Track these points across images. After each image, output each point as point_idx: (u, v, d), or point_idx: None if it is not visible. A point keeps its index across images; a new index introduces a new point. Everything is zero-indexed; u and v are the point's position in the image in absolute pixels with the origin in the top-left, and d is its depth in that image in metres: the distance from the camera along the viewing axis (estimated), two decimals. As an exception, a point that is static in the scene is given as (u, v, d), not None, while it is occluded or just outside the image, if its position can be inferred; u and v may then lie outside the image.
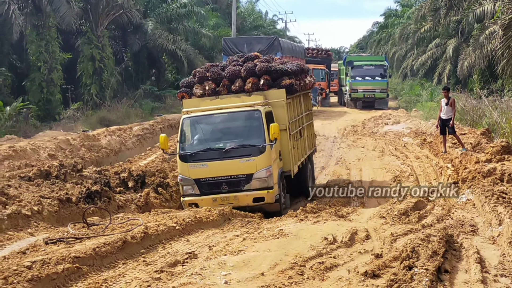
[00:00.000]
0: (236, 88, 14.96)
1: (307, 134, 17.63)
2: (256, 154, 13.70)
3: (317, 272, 7.07)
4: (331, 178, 18.28)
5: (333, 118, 37.03)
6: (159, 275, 7.09)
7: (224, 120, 14.58)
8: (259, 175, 13.65)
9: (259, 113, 14.01)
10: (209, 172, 13.76)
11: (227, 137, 14.42)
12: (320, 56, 51.92)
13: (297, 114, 16.27)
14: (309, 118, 18.36)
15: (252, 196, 13.59)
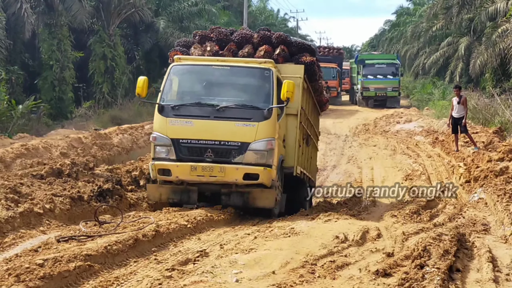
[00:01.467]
0: (244, 55, 12.64)
1: (311, 157, 15.70)
2: (259, 119, 11.25)
3: (328, 271, 7.06)
4: (343, 177, 18.24)
5: (344, 117, 36.97)
6: (170, 273, 7.10)
7: (225, 74, 11.99)
8: (258, 146, 11.17)
9: (269, 72, 11.58)
10: (193, 133, 11.26)
11: (225, 93, 11.93)
12: (332, 54, 51.84)
13: (309, 113, 14.36)
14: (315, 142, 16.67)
15: (244, 171, 11.09)
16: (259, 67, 11.75)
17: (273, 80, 11.48)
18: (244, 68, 11.94)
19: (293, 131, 12.43)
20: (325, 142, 25.11)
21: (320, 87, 14.74)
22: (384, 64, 43.84)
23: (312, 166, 15.78)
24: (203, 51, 12.68)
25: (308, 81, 13.33)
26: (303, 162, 13.66)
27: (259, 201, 11.32)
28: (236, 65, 11.95)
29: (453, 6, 36.05)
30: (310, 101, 14.46)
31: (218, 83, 12.03)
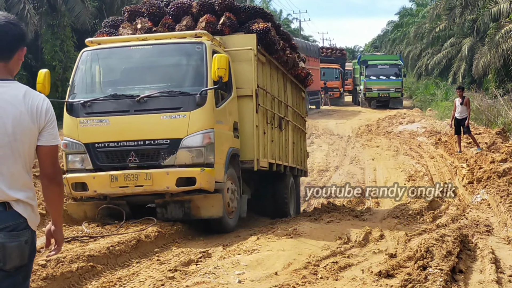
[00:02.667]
0: (182, 29, 10.56)
1: (294, 142, 13.74)
2: (190, 107, 9.09)
3: (331, 272, 7.05)
4: (345, 178, 18.23)
5: (347, 118, 36.95)
6: (173, 274, 7.10)
7: (147, 55, 9.85)
8: (191, 142, 9.03)
9: (201, 47, 9.41)
10: (110, 133, 9.13)
11: (148, 79, 9.76)
12: (335, 55, 51.87)
13: (277, 93, 12.12)
14: (299, 122, 14.69)
15: (176, 175, 8.96)
16: (187, 42, 9.62)
17: (207, 57, 9.25)
18: (170, 45, 9.85)
19: (250, 116, 10.25)
20: (328, 143, 25.11)
21: (291, 58, 12.41)
22: (387, 65, 43.81)
23: (296, 153, 13.79)
24: (134, 30, 10.69)
25: (267, 53, 11.20)
26: (275, 151, 11.70)
27: (203, 211, 9.21)
28: (160, 42, 9.79)
29: (456, 7, 36.01)
30: (278, 77, 12.31)
31: (138, 67, 9.83)
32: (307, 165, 15.72)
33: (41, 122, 3.39)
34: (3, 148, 3.30)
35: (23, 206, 3.38)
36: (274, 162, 11.57)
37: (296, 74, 13.67)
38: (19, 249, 3.35)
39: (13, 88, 3.37)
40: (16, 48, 3.41)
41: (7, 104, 3.32)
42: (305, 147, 15.47)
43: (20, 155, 3.36)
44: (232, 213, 9.90)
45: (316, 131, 29.11)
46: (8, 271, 3.34)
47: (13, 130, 3.31)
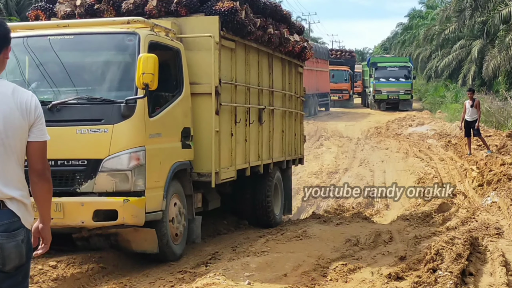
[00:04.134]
0: (129, 7, 8.86)
1: (284, 130, 11.85)
2: (113, 119, 7.24)
3: (340, 274, 7.05)
4: (354, 180, 18.20)
5: (356, 120, 36.89)
6: (183, 275, 7.12)
7: (68, 47, 7.95)
8: (114, 163, 7.17)
9: (134, 39, 7.54)
10: None
11: (64, 81, 7.71)
12: (344, 57, 51.79)
13: (256, 80, 10.39)
14: (292, 105, 12.58)
15: (93, 206, 7.13)
16: (116, 32, 7.78)
17: (140, 52, 7.36)
18: (94, 35, 7.91)
19: (208, 119, 8.64)
20: (337, 145, 25.08)
21: (276, 35, 10.63)
22: (396, 67, 43.73)
23: (286, 143, 11.99)
24: (73, 6, 9.15)
25: (238, 37, 9.48)
26: (251, 151, 10.07)
27: (134, 244, 7.73)
28: (81, 31, 7.91)
29: (466, 9, 35.92)
30: (259, 61, 10.56)
31: (55, 64, 7.81)
32: (303, 150, 13.71)
33: (31, 118, 3.42)
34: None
35: (17, 204, 3.39)
36: (247, 166, 9.92)
37: (288, 51, 11.69)
38: (17, 249, 3.36)
39: (1, 86, 3.40)
40: (0, 48, 3.44)
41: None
42: (301, 131, 13.40)
43: (13, 151, 3.37)
44: (179, 239, 8.17)
45: (326, 133, 29.07)
46: (8, 272, 3.36)
47: (4, 127, 3.33)
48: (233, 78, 9.48)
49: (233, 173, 9.41)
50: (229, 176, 9.31)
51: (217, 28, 8.74)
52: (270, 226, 10.84)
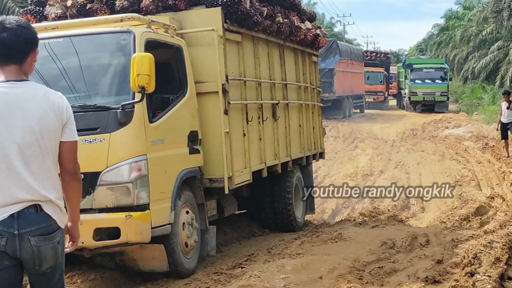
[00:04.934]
0: (124, 5, 8.30)
1: (301, 124, 11.30)
2: (110, 127, 6.67)
3: (376, 277, 7.01)
4: (390, 182, 18.07)
5: (391, 122, 36.63)
6: (218, 276, 7.15)
7: (58, 51, 7.22)
8: (113, 176, 6.61)
9: (129, 38, 6.97)
10: None
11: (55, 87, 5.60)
12: (379, 59, 51.48)
13: (267, 73, 9.83)
14: (309, 96, 11.94)
15: (93, 224, 6.53)
16: (108, 32, 7.12)
17: (136, 52, 6.77)
18: (85, 36, 7.27)
19: (216, 120, 8.09)
20: (372, 147, 24.94)
21: (285, 24, 10.05)
22: (432, 68, 43.31)
23: (304, 137, 11.45)
24: (64, 8, 8.66)
25: (244, 28, 8.91)
26: (267, 149, 9.60)
27: (142, 263, 7.16)
28: (72, 33, 7.28)
29: (504, 10, 35.44)
30: (270, 52, 10.00)
31: (44, 69, 7.08)
32: (323, 143, 13.04)
33: (63, 119, 3.51)
34: (31, 146, 3.38)
35: (53, 207, 3.47)
36: (263, 166, 9.42)
37: (300, 40, 11.06)
38: (53, 251, 3.45)
39: (32, 88, 3.49)
40: (29, 51, 3.52)
41: (31, 103, 3.42)
42: (320, 124, 12.69)
43: (48, 152, 3.45)
44: (190, 252, 7.64)
45: (360, 135, 28.93)
46: (45, 272, 3.45)
47: (40, 128, 3.40)
48: (242, 74, 8.86)
49: (248, 176, 8.81)
50: (244, 180, 8.71)
51: (220, 20, 8.12)
52: (292, 231, 10.43)
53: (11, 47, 3.42)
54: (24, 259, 3.39)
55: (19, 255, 3.37)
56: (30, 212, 3.37)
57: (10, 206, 3.33)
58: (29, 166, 3.37)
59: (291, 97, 10.83)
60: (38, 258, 3.38)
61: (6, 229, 3.32)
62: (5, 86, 3.40)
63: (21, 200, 3.35)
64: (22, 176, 3.35)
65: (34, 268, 3.42)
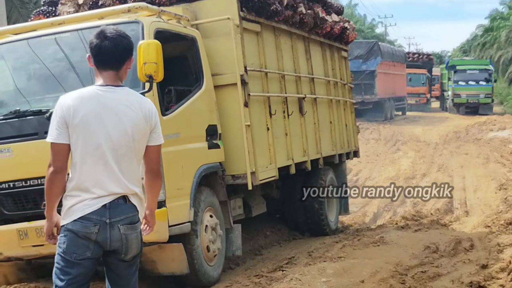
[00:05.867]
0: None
1: (332, 120, 10.88)
2: None
3: (419, 282, 6.92)
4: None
5: (434, 124, 36.18)
6: (259, 279, 7.14)
7: (59, 49, 6.93)
8: None
9: (137, 28, 6.58)
10: (14, 169, 6.54)
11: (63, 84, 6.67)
12: (421, 60, 50.91)
13: (291, 66, 9.45)
14: (340, 92, 11.55)
15: None
16: (115, 23, 6.38)
17: None
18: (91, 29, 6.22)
19: (236, 113, 7.76)
20: (414, 150, 24.69)
21: (309, 15, 9.63)
22: (476, 70, 42.72)
23: (336, 135, 11.01)
24: (76, 6, 8.48)
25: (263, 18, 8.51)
26: (293, 145, 9.15)
27: (161, 266, 6.74)
28: (78, 27, 6.89)
29: (551, 9, 34.72)
30: (293, 45, 9.59)
31: (52, 66, 6.96)
32: (357, 142, 12.59)
33: (152, 124, 3.82)
34: (123, 147, 3.71)
35: (137, 199, 3.81)
36: (291, 163, 9.03)
37: (326, 33, 10.58)
38: (137, 240, 3.79)
39: (128, 94, 3.80)
40: (126, 59, 3.80)
41: (126, 108, 3.72)
42: (353, 121, 12.30)
43: (136, 153, 3.78)
44: (214, 258, 7.32)
45: (402, 138, 28.64)
46: (128, 261, 3.79)
47: (132, 131, 3.72)
48: (262, 65, 8.44)
49: (273, 172, 8.41)
50: (269, 176, 8.31)
51: (236, 8, 7.76)
52: (324, 235, 10.14)
53: (111, 54, 3.73)
54: (113, 248, 3.70)
55: (108, 244, 3.69)
56: (120, 203, 3.72)
57: (103, 198, 3.67)
58: (119, 164, 3.70)
59: (319, 92, 10.41)
60: (126, 246, 3.71)
61: (99, 218, 3.66)
62: (104, 89, 3.73)
63: (114, 192, 3.70)
64: (115, 172, 3.69)
65: (120, 256, 3.74)
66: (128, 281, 3.85)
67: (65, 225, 3.70)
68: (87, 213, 3.65)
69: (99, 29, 3.81)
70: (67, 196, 3.73)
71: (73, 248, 3.65)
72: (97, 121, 3.65)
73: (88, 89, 3.76)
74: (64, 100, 3.70)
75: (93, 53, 3.77)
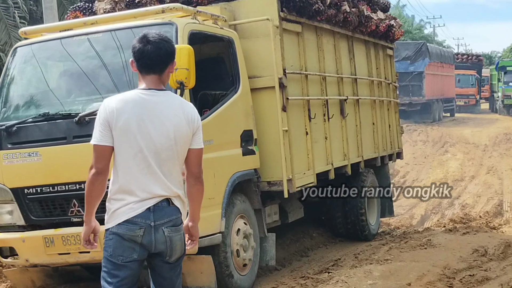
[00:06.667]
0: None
1: (375, 122, 10.53)
2: None
3: (467, 285, 6.84)
4: (481, 188, 17.54)
5: (483, 126, 35.58)
6: (305, 281, 7.15)
7: (90, 50, 6.70)
8: None
9: (171, 30, 6.24)
10: (41, 173, 6.34)
11: (91, 90, 6.63)
12: (470, 61, 50.11)
13: (333, 67, 9.14)
14: (384, 92, 11.20)
15: None
16: (148, 25, 6.28)
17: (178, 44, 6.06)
18: (124, 31, 6.54)
19: (273, 117, 7.46)
20: (463, 152, 24.35)
21: (353, 13, 9.34)
22: (527, 70, 41.87)
23: (378, 136, 10.66)
24: (113, 3, 8.25)
25: (304, 18, 8.21)
26: (333, 150, 8.82)
27: (190, 278, 6.31)
28: (110, 28, 6.69)
29: None
30: (336, 44, 9.27)
31: (84, 67, 6.76)
32: (401, 143, 12.21)
33: (194, 128, 3.83)
34: (166, 151, 3.72)
35: (180, 201, 3.82)
36: (330, 167, 8.73)
37: (371, 31, 10.29)
38: (181, 242, 3.81)
39: (171, 98, 3.82)
40: (168, 63, 3.81)
41: (169, 112, 3.75)
42: (397, 122, 11.89)
43: (178, 157, 3.79)
44: (246, 268, 7.07)
45: (451, 140, 28.25)
46: (172, 263, 3.80)
47: (175, 135, 3.73)
48: (302, 67, 8.15)
49: (311, 178, 8.12)
50: (307, 182, 8.03)
51: (276, 9, 7.49)
52: (365, 240, 9.89)
53: (154, 58, 3.74)
54: (158, 250, 3.72)
55: (153, 247, 3.70)
56: (163, 206, 3.73)
57: (147, 201, 3.69)
58: (162, 168, 3.71)
59: (362, 93, 10.09)
60: (170, 248, 3.73)
61: (143, 221, 3.68)
62: (147, 93, 3.74)
63: (157, 195, 3.71)
64: (158, 175, 3.70)
65: (165, 258, 3.76)
66: (173, 283, 3.87)
67: (110, 229, 3.72)
68: (132, 216, 3.67)
69: (141, 34, 3.81)
70: (111, 199, 3.74)
71: (119, 251, 3.68)
72: (140, 125, 3.66)
73: (132, 93, 3.77)
74: (108, 103, 3.71)
75: (136, 58, 3.76)
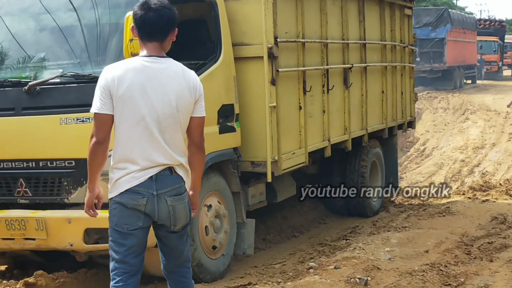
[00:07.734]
0: None
1: (384, 90, 9.63)
2: None
3: (485, 253, 6.82)
4: (502, 156, 17.42)
5: (505, 93, 35.15)
6: (323, 248, 7.19)
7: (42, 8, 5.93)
8: None
9: None
10: None
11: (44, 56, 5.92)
12: (493, 27, 49.32)
13: (338, 32, 8.24)
14: (397, 57, 10.21)
15: (84, 224, 5.30)
16: None
17: None
18: None
19: (259, 92, 6.63)
20: (484, 119, 24.13)
21: None
22: (551, 36, 41.21)
23: (388, 105, 9.80)
24: None
25: None
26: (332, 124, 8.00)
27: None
28: None
29: None
30: (343, 6, 8.32)
31: (36, 29, 6.04)
32: (414, 111, 11.24)
33: (196, 95, 3.77)
34: (168, 118, 3.66)
35: (183, 170, 3.79)
36: (327, 144, 7.90)
37: None
38: (185, 210, 3.78)
39: (173, 65, 3.74)
40: (170, 30, 3.75)
41: (171, 79, 3.69)
42: (411, 88, 10.92)
43: (180, 124, 3.74)
44: (216, 251, 6.37)
45: (472, 107, 27.98)
46: (177, 231, 3.78)
47: (177, 102, 3.68)
48: (299, 34, 7.23)
49: (302, 158, 7.34)
50: (296, 163, 7.23)
51: None
52: (364, 216, 9.20)
53: (156, 26, 3.68)
54: (161, 220, 3.71)
55: (156, 215, 3.69)
56: (166, 174, 3.70)
57: (149, 169, 3.66)
58: (164, 135, 3.67)
59: (371, 59, 9.20)
60: (174, 217, 3.71)
61: (146, 190, 3.66)
62: (148, 60, 3.68)
63: (160, 164, 3.67)
64: (160, 143, 3.66)
65: (169, 227, 3.75)
66: (181, 251, 3.86)
67: (113, 198, 3.69)
68: (134, 185, 3.64)
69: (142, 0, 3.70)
70: (113, 168, 3.70)
71: (124, 219, 3.67)
72: (142, 92, 3.60)
73: (133, 60, 3.72)
74: (108, 70, 3.65)
75: (138, 25, 3.69)
